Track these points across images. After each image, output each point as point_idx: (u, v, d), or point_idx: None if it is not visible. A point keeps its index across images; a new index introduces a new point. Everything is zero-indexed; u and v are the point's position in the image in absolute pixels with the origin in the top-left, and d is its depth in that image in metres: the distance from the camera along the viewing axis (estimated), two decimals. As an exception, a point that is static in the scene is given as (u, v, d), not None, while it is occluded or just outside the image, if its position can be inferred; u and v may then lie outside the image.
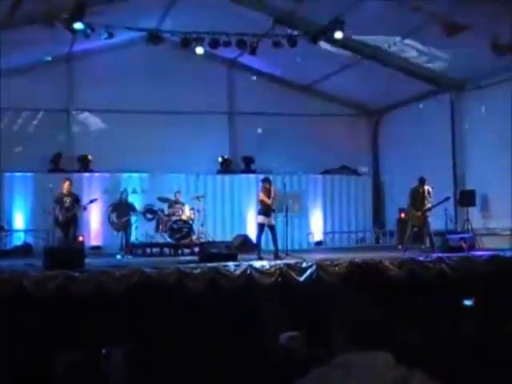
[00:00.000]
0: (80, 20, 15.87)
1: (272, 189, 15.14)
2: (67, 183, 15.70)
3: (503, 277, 13.59)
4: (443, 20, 15.34)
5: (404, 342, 5.64)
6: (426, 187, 15.91)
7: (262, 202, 15.15)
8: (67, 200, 15.38)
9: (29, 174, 20.14)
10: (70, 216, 15.36)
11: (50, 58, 20.15)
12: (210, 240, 17.88)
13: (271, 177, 16.34)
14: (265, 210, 15.02)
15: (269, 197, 14.99)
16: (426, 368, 2.39)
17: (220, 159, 22.80)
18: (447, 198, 16.15)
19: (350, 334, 2.23)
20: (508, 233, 17.46)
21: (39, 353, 7.14)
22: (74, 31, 16.24)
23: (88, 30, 16.25)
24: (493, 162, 18.06)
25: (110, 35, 16.93)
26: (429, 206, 15.78)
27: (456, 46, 16.31)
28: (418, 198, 15.89)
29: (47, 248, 13.51)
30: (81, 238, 17.36)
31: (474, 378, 4.91)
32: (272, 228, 15.06)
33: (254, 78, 22.81)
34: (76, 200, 15.67)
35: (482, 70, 17.95)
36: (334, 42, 17.63)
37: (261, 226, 15.16)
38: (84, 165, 21.17)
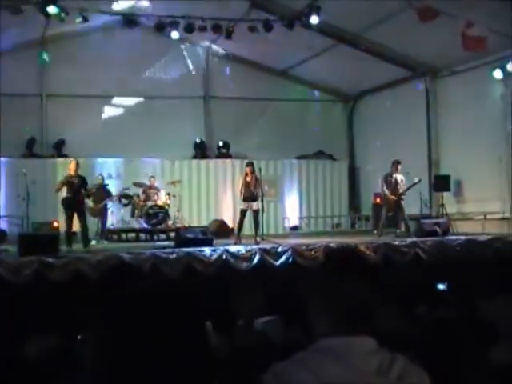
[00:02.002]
0: (54, 3, 15.70)
1: (249, 172, 15.05)
2: (73, 164, 15.01)
3: (477, 261, 13.71)
4: (418, 6, 15.38)
5: (382, 327, 5.68)
6: (399, 176, 15.97)
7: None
8: (75, 181, 14.77)
9: (3, 159, 19.94)
10: (78, 198, 14.81)
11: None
12: (186, 225, 17.87)
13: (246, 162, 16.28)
14: (244, 195, 15.00)
15: (247, 181, 14.93)
16: (404, 353, 2.42)
17: (195, 144, 22.75)
18: (417, 182, 16.22)
19: (327, 318, 2.24)
20: (481, 217, 17.61)
21: (14, 338, 7.12)
22: (48, 15, 16.06)
23: (62, 14, 16.06)
24: (467, 147, 18.20)
25: (85, 19, 16.78)
26: (401, 191, 15.86)
27: (431, 31, 16.36)
28: (391, 183, 15.97)
29: (22, 234, 13.43)
30: (56, 224, 17.24)
31: (450, 362, 4.96)
32: (254, 212, 15.01)
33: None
34: (84, 182, 14.96)
35: (456, 56, 18.01)
36: (309, 26, 17.57)
37: (241, 212, 15.16)
38: (59, 150, 21.05)
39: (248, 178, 14.95)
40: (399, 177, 15.94)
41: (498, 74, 16.89)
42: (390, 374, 2.26)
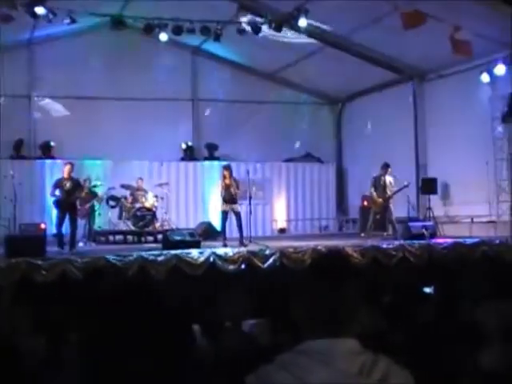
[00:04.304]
0: (41, 4, 15.66)
1: (227, 175, 15.01)
2: (67, 167, 15.00)
3: (464, 264, 13.77)
4: (405, 9, 15.40)
5: (367, 329, 5.69)
6: (388, 178, 16.02)
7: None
8: (67, 184, 14.88)
9: (-10, 160, 19.86)
10: (70, 200, 14.93)
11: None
12: (174, 227, 17.85)
13: (234, 164, 16.29)
14: (225, 197, 14.96)
15: (226, 184, 14.90)
16: (390, 354, 2.42)
17: (183, 146, 22.75)
18: (407, 185, 16.28)
19: (314, 320, 2.24)
20: (468, 220, 17.67)
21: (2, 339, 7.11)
22: (36, 15, 16.01)
23: (50, 15, 16.02)
24: (454, 150, 18.27)
25: (73, 20, 16.72)
26: (389, 193, 15.91)
27: (419, 35, 16.40)
28: (379, 185, 16.01)
29: (9, 236, 13.38)
30: (43, 226, 17.18)
31: (434, 364, 4.98)
32: (236, 215, 15.02)
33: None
34: (77, 184, 15.16)
35: (443, 60, 18.08)
36: (297, 29, 17.60)
37: (223, 214, 15.13)
38: (46, 151, 20.98)
39: (227, 181, 14.91)
40: (388, 179, 15.99)
41: (485, 77, 16.96)
42: (373, 374, 2.27)
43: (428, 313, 7.69)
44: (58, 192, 14.50)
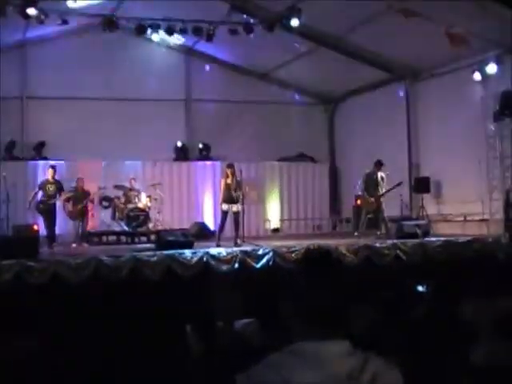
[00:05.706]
0: (33, 5, 15.63)
1: (229, 174, 14.99)
2: (51, 170, 15.93)
3: (457, 262, 13.79)
4: (400, 7, 15.45)
5: (360, 328, 5.71)
6: (380, 173, 16.05)
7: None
8: (50, 187, 15.36)
9: (-18, 162, 19.79)
10: (51, 202, 15.41)
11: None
12: (167, 228, 17.83)
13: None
14: (226, 196, 14.94)
15: (227, 183, 14.88)
16: (382, 352, 2.43)
17: (177, 146, 22.71)
18: (399, 184, 16.34)
19: (307, 320, 2.24)
20: (461, 219, 17.72)
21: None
22: (27, 16, 15.97)
23: (42, 16, 15.99)
24: (447, 148, 18.29)
25: (65, 21, 16.71)
26: (382, 191, 15.95)
27: (411, 34, 16.44)
28: (371, 183, 16.04)
29: (2, 237, 13.37)
30: (36, 227, 17.15)
31: (427, 361, 4.99)
32: (234, 214, 14.97)
33: (208, 67, 22.35)
34: (60, 188, 15.64)
35: (436, 59, 18.12)
36: (290, 29, 17.60)
37: (223, 214, 15.11)
38: (39, 152, 20.93)
39: (229, 180, 14.89)
40: (380, 175, 16.02)
41: (477, 76, 17.00)
42: (363, 376, 2.27)
43: (420, 311, 7.71)
44: (39, 195, 15.16)
